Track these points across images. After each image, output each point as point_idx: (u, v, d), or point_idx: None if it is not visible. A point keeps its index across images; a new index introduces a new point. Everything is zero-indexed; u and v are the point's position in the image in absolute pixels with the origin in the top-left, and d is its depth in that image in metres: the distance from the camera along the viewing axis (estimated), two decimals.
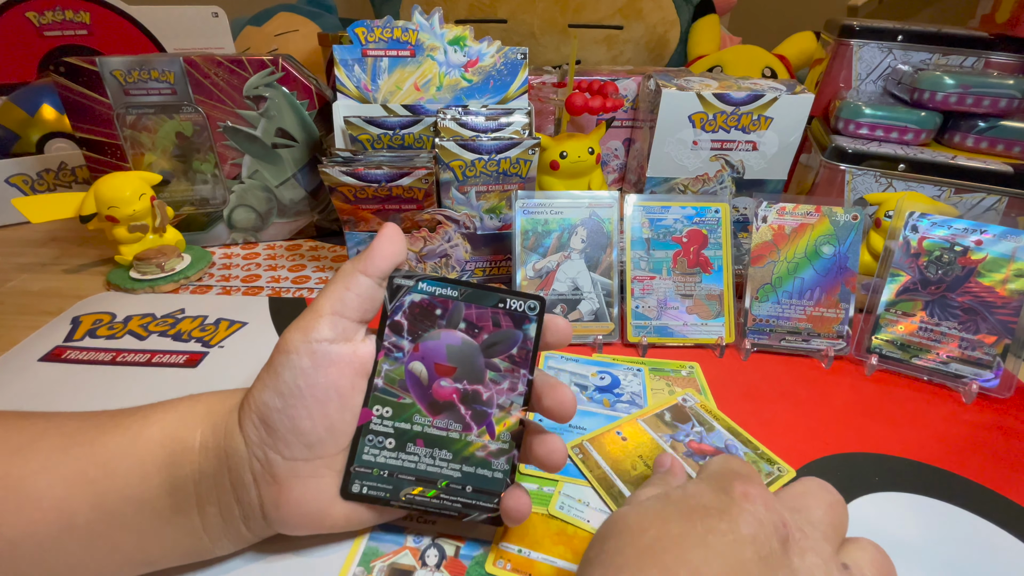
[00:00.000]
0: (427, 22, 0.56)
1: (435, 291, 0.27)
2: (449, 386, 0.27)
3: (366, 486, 0.27)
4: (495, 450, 0.27)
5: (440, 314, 0.27)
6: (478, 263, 0.56)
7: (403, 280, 0.27)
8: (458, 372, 0.27)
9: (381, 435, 0.27)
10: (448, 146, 0.49)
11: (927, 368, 0.43)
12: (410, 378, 0.27)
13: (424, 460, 0.27)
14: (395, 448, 0.27)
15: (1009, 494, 0.34)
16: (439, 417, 0.27)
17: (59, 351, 0.45)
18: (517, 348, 0.28)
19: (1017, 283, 0.41)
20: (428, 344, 0.27)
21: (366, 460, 0.27)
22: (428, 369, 0.27)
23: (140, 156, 0.58)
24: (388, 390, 0.27)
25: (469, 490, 0.27)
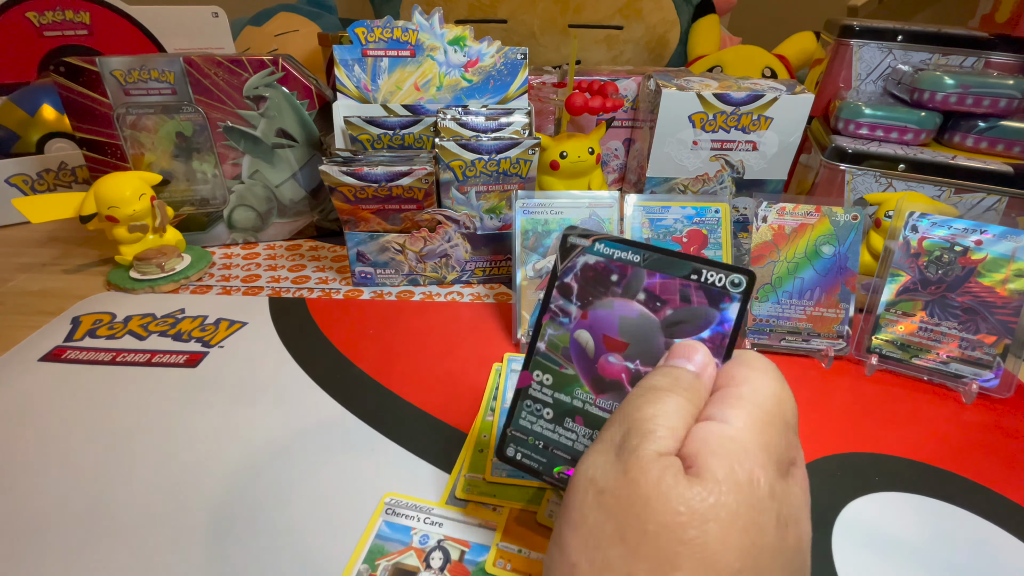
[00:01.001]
0: (427, 22, 0.56)
1: (613, 254, 0.24)
2: (618, 363, 0.24)
3: (521, 452, 0.25)
4: None
5: (616, 280, 0.24)
6: (478, 263, 0.56)
7: (578, 239, 0.25)
8: (630, 349, 0.24)
9: (540, 403, 0.25)
10: (448, 146, 0.49)
11: (927, 368, 0.43)
12: (574, 347, 0.24)
13: (582, 440, 0.24)
14: (552, 420, 0.25)
15: (1009, 494, 0.34)
16: (603, 396, 0.24)
17: (59, 351, 0.45)
18: (710, 332, 0.23)
19: (1017, 283, 0.41)
20: (598, 313, 0.24)
21: (522, 425, 0.25)
22: (596, 341, 0.24)
23: (140, 156, 0.58)
24: (550, 356, 0.25)
25: None
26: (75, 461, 0.35)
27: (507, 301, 0.54)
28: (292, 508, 0.32)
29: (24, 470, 0.34)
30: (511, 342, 0.47)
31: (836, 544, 0.30)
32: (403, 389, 0.41)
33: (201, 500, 0.32)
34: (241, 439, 0.37)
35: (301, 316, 0.50)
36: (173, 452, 0.36)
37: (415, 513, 0.31)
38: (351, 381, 0.42)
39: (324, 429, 0.37)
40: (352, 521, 0.31)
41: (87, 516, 0.31)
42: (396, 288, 0.56)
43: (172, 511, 0.32)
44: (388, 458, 0.35)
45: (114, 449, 0.36)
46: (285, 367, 0.44)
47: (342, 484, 0.33)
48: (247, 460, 0.35)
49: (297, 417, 0.38)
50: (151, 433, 0.37)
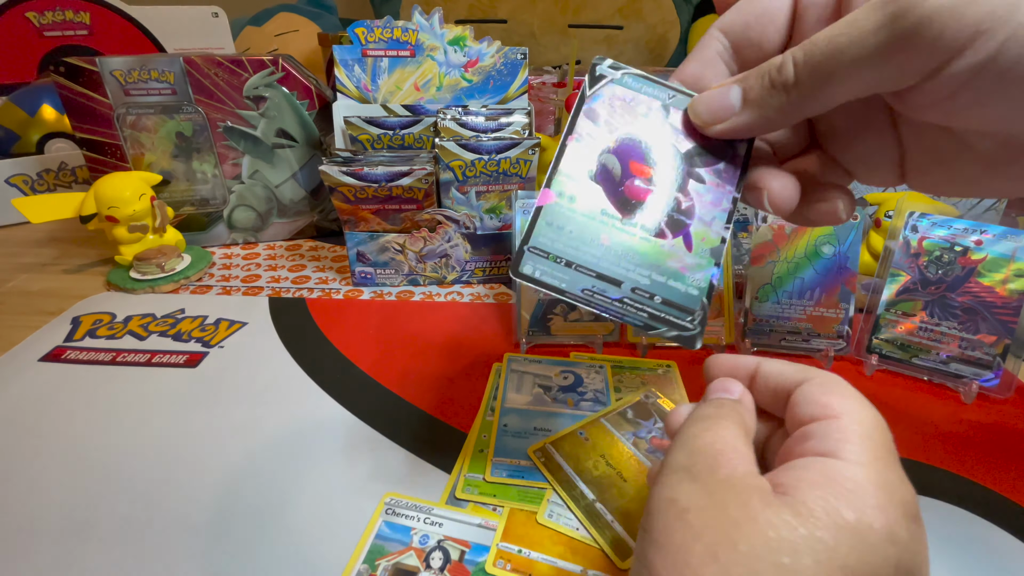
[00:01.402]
0: (427, 22, 0.56)
1: (641, 88, 0.25)
2: (644, 187, 0.25)
3: (539, 270, 0.24)
4: (691, 264, 0.24)
5: (644, 113, 0.25)
6: (478, 263, 0.56)
7: (607, 69, 0.25)
8: (655, 175, 0.25)
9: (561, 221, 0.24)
10: (448, 146, 0.49)
11: (927, 368, 0.43)
12: (601, 171, 0.25)
13: (607, 259, 0.24)
14: (575, 239, 0.24)
15: (1009, 494, 0.34)
16: (628, 216, 0.24)
17: (59, 351, 0.45)
18: (725, 163, 0.25)
19: (1017, 283, 0.41)
20: (626, 140, 0.25)
21: (541, 243, 0.24)
22: (623, 166, 0.25)
23: (140, 156, 0.58)
24: (575, 178, 0.24)
25: (658, 301, 0.24)
26: (75, 461, 0.35)
27: (507, 301, 0.54)
28: (292, 508, 0.32)
29: (24, 470, 0.34)
30: (511, 342, 0.47)
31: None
32: (403, 389, 0.41)
33: (201, 500, 0.32)
34: (241, 439, 0.37)
35: (301, 316, 0.50)
36: (173, 452, 0.36)
37: (415, 513, 0.31)
38: (351, 381, 0.42)
39: (324, 429, 0.37)
40: (352, 521, 0.31)
41: (87, 516, 0.31)
42: (396, 288, 0.56)
43: (172, 511, 0.32)
44: (388, 458, 0.35)
45: (114, 449, 0.36)
46: (285, 367, 0.44)
47: (342, 484, 0.33)
48: (247, 460, 0.35)
49: (297, 417, 0.38)
50: (151, 433, 0.37)
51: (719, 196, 0.25)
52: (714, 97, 0.24)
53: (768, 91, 0.22)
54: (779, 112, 0.22)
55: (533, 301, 0.46)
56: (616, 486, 0.33)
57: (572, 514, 0.31)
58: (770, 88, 0.22)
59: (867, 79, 0.20)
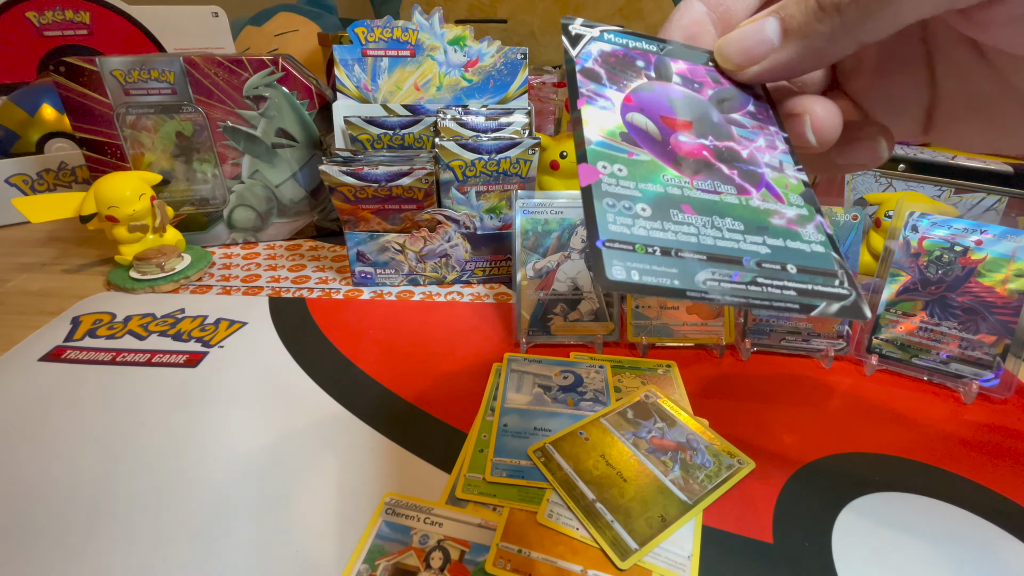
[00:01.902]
0: (427, 22, 0.56)
1: (627, 43, 0.22)
2: (693, 141, 0.21)
3: (635, 269, 0.18)
4: (795, 216, 0.20)
5: (643, 66, 0.22)
6: (478, 263, 0.56)
7: (582, 28, 0.22)
8: (696, 127, 0.21)
9: (626, 199, 0.19)
10: (448, 146, 0.49)
11: (927, 368, 0.43)
12: (634, 130, 0.20)
13: (707, 232, 0.19)
14: (654, 216, 0.19)
15: (1009, 494, 0.34)
16: (699, 177, 0.20)
17: (59, 351, 0.45)
18: (754, 105, 0.22)
19: (1017, 283, 0.41)
20: (642, 95, 0.21)
21: (618, 233, 0.18)
22: (656, 122, 0.21)
23: (140, 156, 0.58)
24: (609, 144, 0.20)
25: (793, 270, 0.19)
26: (75, 461, 0.35)
27: (507, 301, 0.54)
28: (292, 508, 0.32)
29: (24, 470, 0.34)
30: (511, 342, 0.47)
31: (836, 544, 0.30)
32: (403, 389, 0.41)
33: (201, 500, 0.32)
34: (241, 439, 0.37)
35: (301, 316, 0.50)
36: (173, 452, 0.36)
37: (415, 513, 0.31)
38: (351, 381, 0.42)
39: (324, 429, 0.37)
40: (352, 521, 0.31)
41: (87, 516, 0.31)
42: (396, 288, 0.56)
43: (172, 511, 0.32)
44: (388, 458, 0.35)
45: (114, 449, 0.36)
46: (285, 367, 0.44)
47: (342, 484, 0.33)
48: (247, 460, 0.35)
49: (297, 417, 0.38)
50: (151, 433, 0.37)
51: (769, 139, 0.22)
52: (746, 34, 0.20)
53: (816, 15, 0.18)
54: (830, 40, 0.18)
55: (533, 301, 0.46)
56: (616, 486, 0.33)
57: (572, 514, 0.31)
58: (818, 12, 0.18)
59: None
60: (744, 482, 0.34)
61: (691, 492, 0.33)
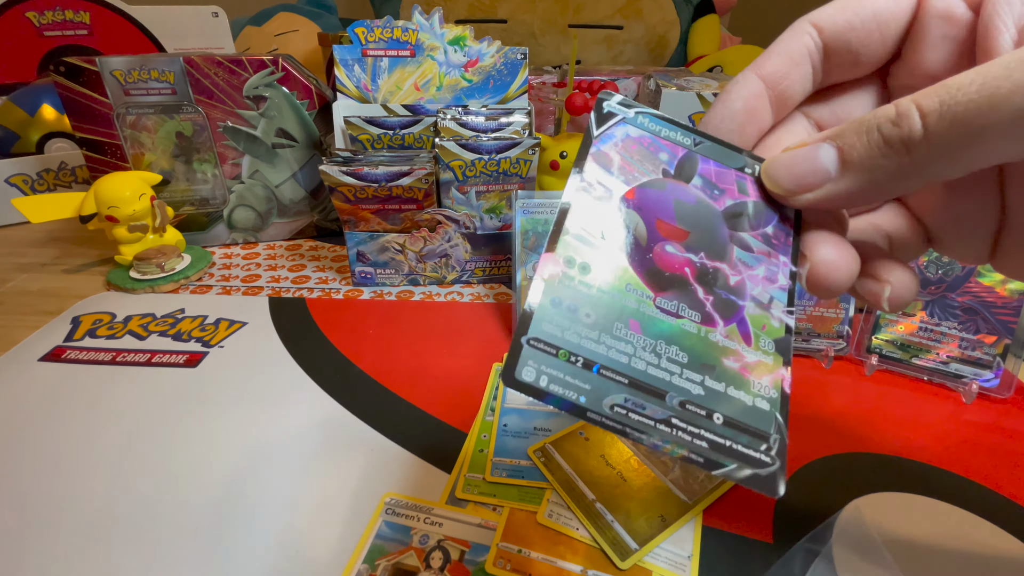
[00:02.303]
0: (427, 22, 0.56)
1: (660, 131, 0.20)
2: (679, 255, 0.19)
3: (546, 375, 0.16)
4: (753, 363, 0.18)
5: (667, 160, 0.20)
6: (478, 263, 0.56)
7: (618, 107, 0.20)
8: (692, 239, 0.19)
9: (574, 299, 0.17)
10: (448, 146, 0.49)
11: (927, 368, 0.43)
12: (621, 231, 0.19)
13: (644, 355, 0.17)
14: (595, 326, 0.17)
15: (1009, 494, 0.34)
16: (665, 295, 0.18)
17: (59, 351, 0.45)
18: (773, 228, 0.20)
19: (1017, 283, 0.41)
20: (648, 193, 0.19)
21: (547, 333, 0.17)
22: (648, 226, 0.19)
23: (140, 156, 0.58)
24: (586, 239, 0.18)
25: (719, 421, 0.17)
26: (75, 461, 0.35)
27: (507, 301, 0.54)
28: (292, 508, 0.32)
29: (24, 470, 0.34)
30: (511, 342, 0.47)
31: (836, 544, 0.30)
32: (403, 389, 0.41)
33: (201, 500, 0.32)
34: (241, 439, 0.37)
35: (301, 316, 0.50)
36: (173, 452, 0.36)
37: (415, 513, 0.31)
38: (351, 381, 0.42)
39: (324, 429, 0.37)
40: (352, 521, 0.31)
41: (87, 516, 0.31)
42: (396, 288, 0.56)
43: (172, 511, 0.32)
44: (388, 458, 0.35)
45: (114, 449, 0.36)
46: (285, 367, 0.44)
47: (342, 484, 0.33)
48: (247, 460, 0.35)
49: (297, 417, 0.38)
50: (151, 433, 0.37)
51: (772, 269, 0.19)
52: (800, 159, 0.18)
53: (881, 150, 0.17)
54: (894, 178, 0.17)
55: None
56: (616, 486, 0.33)
57: (572, 514, 0.31)
58: (883, 147, 0.17)
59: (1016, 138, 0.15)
60: None
61: (691, 492, 0.33)
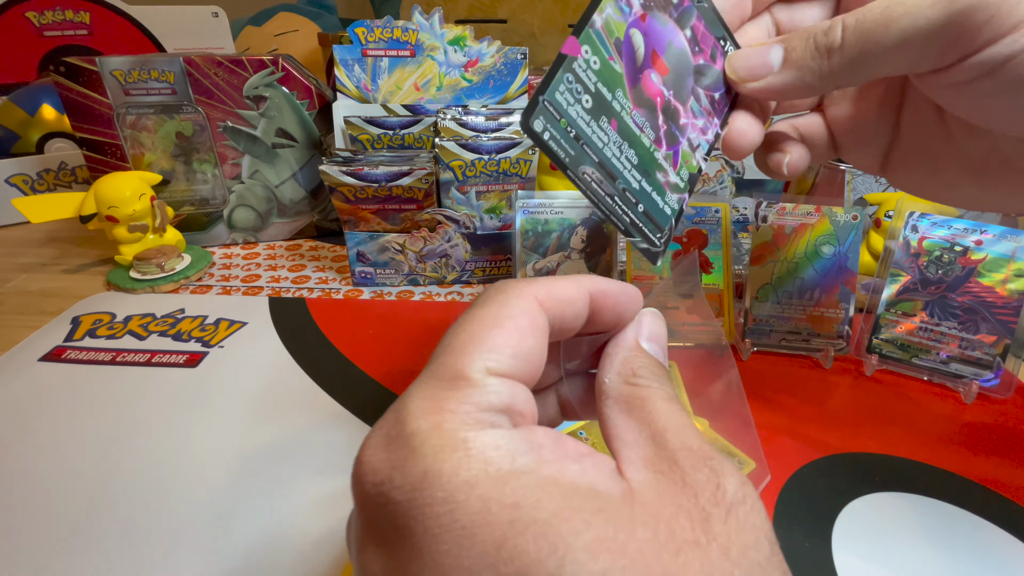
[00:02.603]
0: (427, 22, 0.56)
1: None
2: (657, 85, 0.23)
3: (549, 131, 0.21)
4: (672, 183, 0.24)
5: (676, 3, 0.24)
6: (478, 263, 0.56)
7: None
8: (669, 76, 0.23)
9: (581, 84, 0.21)
10: (448, 146, 0.49)
11: (927, 368, 0.43)
12: (627, 43, 0.22)
13: (611, 147, 0.22)
14: (589, 112, 0.22)
15: (1009, 494, 0.34)
16: (639, 110, 0.23)
17: (59, 351, 0.45)
18: (719, 95, 0.25)
19: (1017, 283, 0.41)
20: (655, 24, 0.23)
21: (558, 101, 0.21)
22: (646, 51, 0.23)
23: (140, 156, 0.58)
24: (603, 38, 0.22)
25: (640, 209, 0.23)
26: (75, 461, 0.35)
27: None
28: (292, 508, 0.32)
29: (24, 470, 0.34)
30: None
31: (836, 544, 0.30)
32: (403, 389, 0.41)
33: (201, 500, 0.32)
34: (241, 439, 0.37)
35: (301, 316, 0.50)
36: (173, 452, 0.36)
37: None
38: (351, 381, 0.42)
39: (324, 429, 0.37)
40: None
41: (87, 516, 0.31)
42: (396, 288, 0.56)
43: (171, 511, 0.32)
44: None
45: (114, 449, 0.36)
46: (285, 367, 0.44)
47: (342, 484, 0.33)
48: (247, 460, 0.35)
49: (297, 417, 0.38)
50: (151, 433, 0.37)
51: (707, 124, 0.25)
52: (754, 54, 0.23)
53: (811, 53, 0.22)
54: (816, 77, 0.22)
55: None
56: None
57: None
58: (813, 51, 0.21)
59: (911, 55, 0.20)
60: None
61: None
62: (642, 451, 0.16)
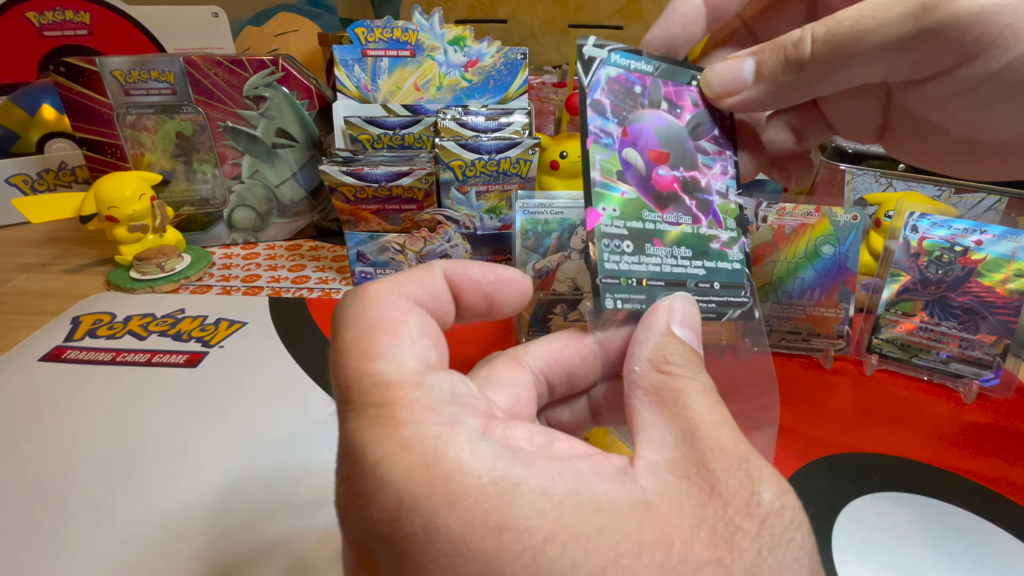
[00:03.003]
0: (427, 22, 0.56)
1: (630, 64, 0.24)
2: (668, 175, 0.24)
3: (619, 300, 0.21)
4: (727, 239, 0.24)
5: (640, 92, 0.24)
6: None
7: (595, 49, 0.23)
8: (672, 158, 0.24)
9: (616, 238, 0.22)
10: (448, 146, 0.49)
11: (927, 368, 0.43)
12: (627, 167, 0.23)
13: (667, 261, 0.23)
14: (634, 252, 0.22)
15: (1009, 494, 0.34)
16: (667, 211, 0.23)
17: (59, 351, 0.45)
18: (719, 128, 0.25)
19: (1017, 283, 0.41)
20: (636, 128, 0.23)
21: (610, 269, 0.21)
22: (643, 156, 0.23)
23: (140, 156, 0.58)
24: (608, 184, 0.22)
25: (718, 287, 0.24)
26: (75, 461, 0.35)
27: None
28: (292, 508, 0.32)
29: (24, 470, 0.34)
30: (511, 342, 0.47)
31: (836, 544, 0.30)
32: None
33: (201, 500, 0.32)
34: (241, 439, 0.37)
35: (301, 316, 0.50)
36: (173, 452, 0.36)
37: None
38: None
39: (324, 429, 0.37)
40: None
41: (87, 516, 0.31)
42: None
43: (171, 511, 0.32)
44: None
45: (114, 449, 0.36)
46: (285, 367, 0.44)
47: None
48: (247, 460, 0.35)
49: (297, 417, 0.38)
50: (151, 433, 0.37)
51: (724, 164, 0.25)
52: (728, 70, 0.23)
53: (782, 66, 0.21)
54: (789, 89, 0.22)
55: (533, 301, 0.46)
56: None
57: None
58: (784, 63, 0.21)
59: (881, 67, 0.20)
60: None
61: None
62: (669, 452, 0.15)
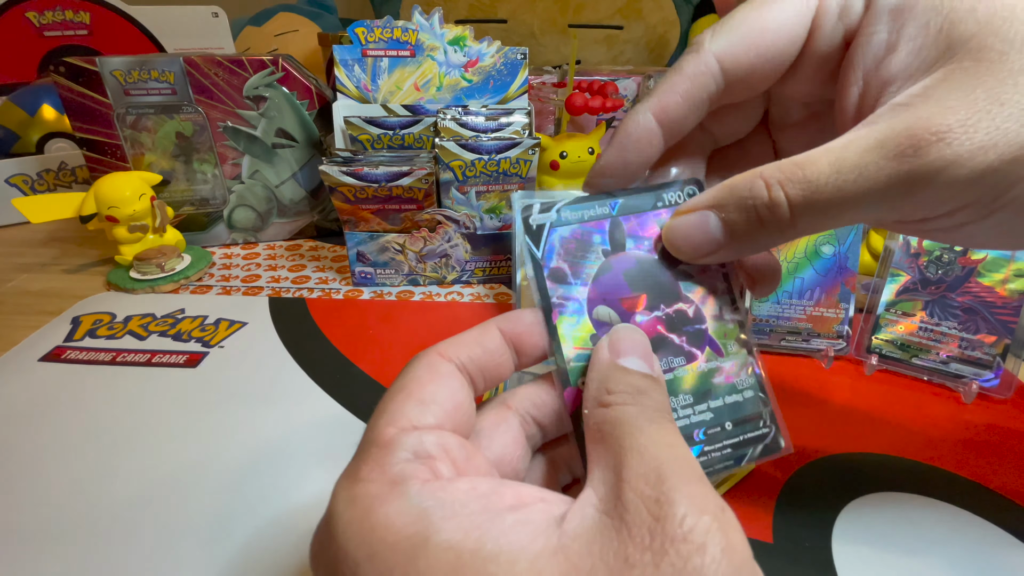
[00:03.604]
0: (427, 22, 0.56)
1: (583, 215, 0.22)
2: (648, 319, 0.21)
3: None
4: (732, 367, 0.22)
5: (599, 241, 0.22)
6: (478, 263, 0.56)
7: (540, 216, 0.22)
8: (650, 298, 0.22)
9: None
10: (448, 146, 0.49)
11: (927, 368, 0.43)
12: (600, 328, 0.21)
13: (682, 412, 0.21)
14: None
15: (1009, 494, 0.34)
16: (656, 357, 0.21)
17: (59, 351, 0.45)
18: None
19: (1017, 283, 0.41)
20: (603, 280, 0.21)
21: None
22: (616, 309, 0.21)
23: (140, 156, 0.58)
24: (583, 355, 0.21)
25: (730, 427, 0.21)
26: (75, 461, 0.35)
27: (507, 301, 0.54)
28: (292, 508, 0.32)
29: (24, 470, 0.34)
30: None
31: (836, 544, 0.30)
32: None
33: (201, 500, 0.32)
34: (241, 439, 0.37)
35: (301, 316, 0.50)
36: (173, 452, 0.36)
37: None
38: (351, 381, 0.42)
39: (324, 429, 0.37)
40: None
41: (87, 516, 0.31)
42: (396, 288, 0.56)
43: (172, 511, 0.32)
44: None
45: (114, 449, 0.36)
46: (285, 367, 0.44)
47: None
48: (247, 460, 0.35)
49: (297, 417, 0.38)
50: (151, 433, 0.37)
51: (711, 282, 0.22)
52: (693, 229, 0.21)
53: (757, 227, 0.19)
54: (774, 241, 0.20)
55: (533, 301, 0.46)
56: None
57: None
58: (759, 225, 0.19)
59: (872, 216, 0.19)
60: (744, 482, 0.34)
61: None
62: (603, 488, 0.15)
